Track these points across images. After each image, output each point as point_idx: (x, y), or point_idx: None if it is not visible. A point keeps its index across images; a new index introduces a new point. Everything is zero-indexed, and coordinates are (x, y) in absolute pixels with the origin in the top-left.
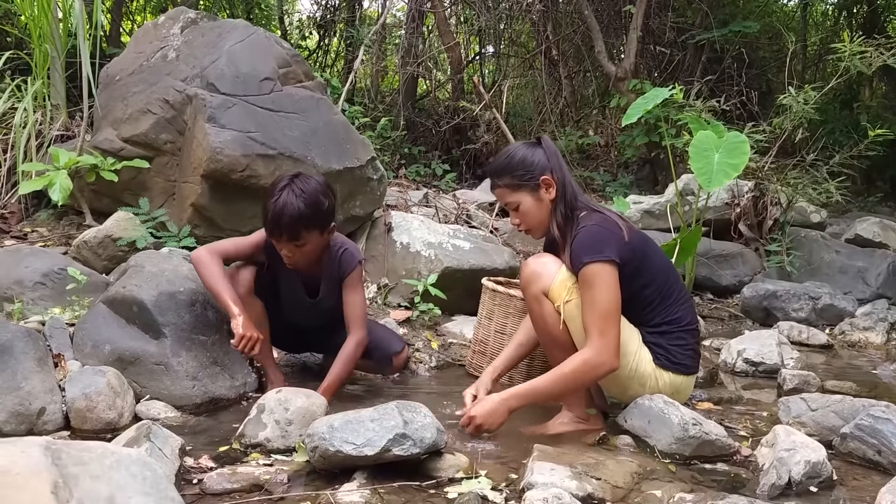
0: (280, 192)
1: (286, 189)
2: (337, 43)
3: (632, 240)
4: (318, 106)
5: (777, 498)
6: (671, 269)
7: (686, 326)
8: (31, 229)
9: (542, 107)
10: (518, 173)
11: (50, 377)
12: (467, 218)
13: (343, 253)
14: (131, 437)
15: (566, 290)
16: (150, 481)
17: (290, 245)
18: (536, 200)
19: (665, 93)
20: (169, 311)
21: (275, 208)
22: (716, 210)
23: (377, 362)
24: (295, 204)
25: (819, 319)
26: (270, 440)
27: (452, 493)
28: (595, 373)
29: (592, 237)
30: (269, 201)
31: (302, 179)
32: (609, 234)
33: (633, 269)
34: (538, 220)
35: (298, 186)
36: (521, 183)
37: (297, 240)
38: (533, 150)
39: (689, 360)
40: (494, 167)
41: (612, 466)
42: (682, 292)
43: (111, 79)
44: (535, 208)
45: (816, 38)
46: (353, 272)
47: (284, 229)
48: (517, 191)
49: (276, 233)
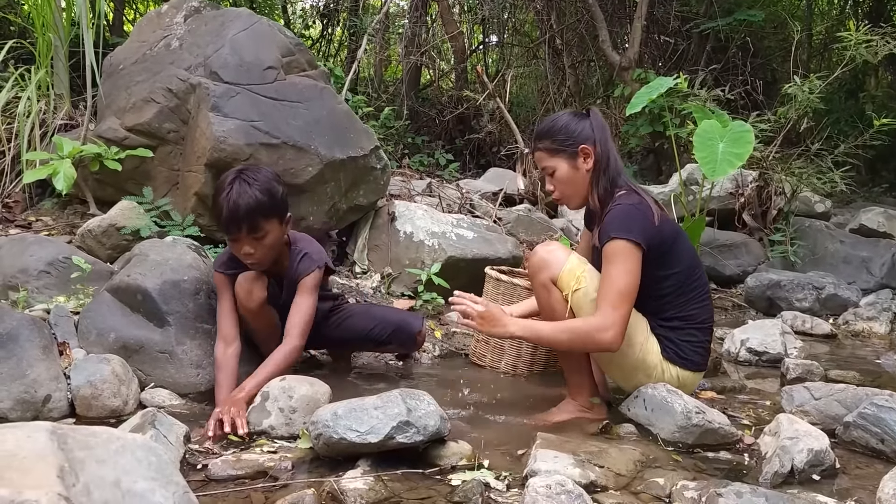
0: (231, 185)
1: (236, 181)
2: (340, 32)
3: (662, 226)
4: (322, 95)
5: (779, 486)
6: (696, 267)
7: (699, 324)
8: (36, 218)
9: (546, 96)
10: (559, 138)
11: (55, 365)
12: (471, 207)
13: (303, 257)
14: (136, 425)
15: (574, 279)
16: (156, 466)
17: (249, 239)
18: (573, 168)
19: (669, 82)
20: (173, 299)
21: (229, 202)
22: (720, 200)
23: (402, 344)
24: (250, 193)
25: (823, 309)
26: (275, 427)
27: (456, 481)
28: (596, 339)
29: (626, 215)
30: (221, 197)
31: (251, 169)
32: (642, 217)
33: (657, 255)
34: (573, 190)
35: (249, 176)
36: (559, 148)
37: (258, 231)
38: (579, 120)
39: (699, 356)
40: (538, 131)
41: (614, 454)
42: (703, 290)
43: (114, 68)
44: (570, 176)
45: (822, 26)
46: (308, 276)
47: (243, 220)
48: (555, 155)
49: (234, 227)
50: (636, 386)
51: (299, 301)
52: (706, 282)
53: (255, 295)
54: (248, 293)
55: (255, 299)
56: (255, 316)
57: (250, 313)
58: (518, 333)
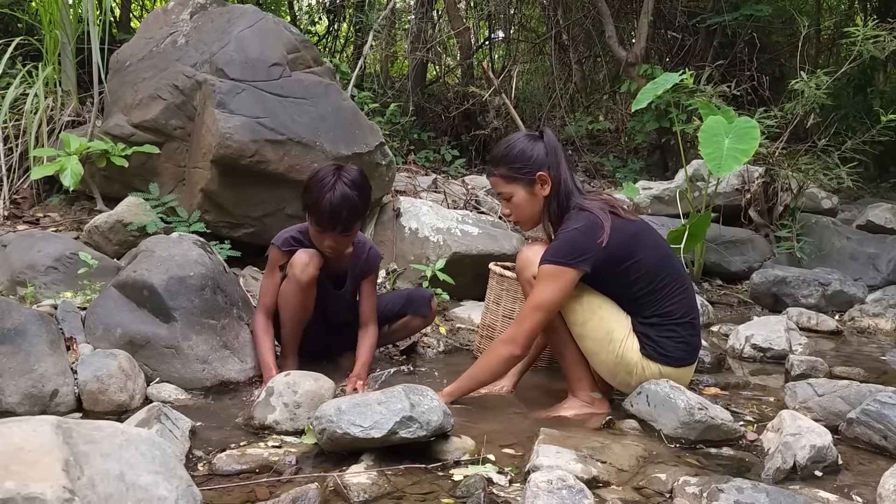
0: (334, 185)
1: (338, 182)
2: (346, 28)
3: (612, 244)
4: (327, 91)
5: (782, 482)
6: (665, 263)
7: (678, 319)
8: (43, 214)
9: (552, 92)
10: (515, 165)
11: (62, 360)
12: (476, 203)
13: (371, 250)
14: (142, 419)
15: None
16: (160, 460)
17: (338, 236)
18: (530, 195)
19: (675, 78)
20: (179, 295)
21: (333, 202)
22: (726, 196)
23: (416, 311)
24: (352, 196)
25: (829, 306)
26: (279, 422)
27: (458, 476)
28: (501, 353)
29: (564, 242)
30: (324, 195)
31: (348, 171)
32: (584, 241)
33: (613, 268)
34: (528, 214)
35: (349, 178)
36: (516, 175)
37: (350, 230)
38: (534, 144)
39: (682, 352)
40: (493, 155)
41: (617, 450)
42: (677, 286)
43: (121, 64)
44: (527, 202)
45: (830, 21)
46: (376, 271)
47: (342, 222)
48: (511, 182)
49: (332, 225)
50: (621, 383)
51: (371, 291)
52: (680, 275)
53: (310, 269)
54: (305, 265)
55: (308, 273)
56: (301, 291)
57: (298, 287)
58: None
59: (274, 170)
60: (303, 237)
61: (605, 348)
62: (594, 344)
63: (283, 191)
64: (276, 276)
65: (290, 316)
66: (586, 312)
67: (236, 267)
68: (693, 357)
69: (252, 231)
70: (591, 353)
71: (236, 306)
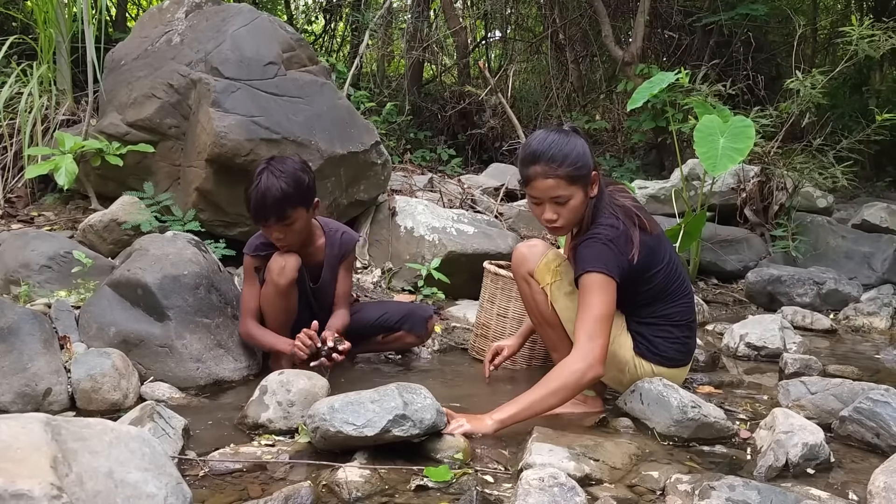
0: (259, 176)
1: (264, 173)
2: (343, 27)
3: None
4: (322, 90)
5: (774, 479)
6: (675, 274)
7: (677, 321)
8: (38, 213)
9: (549, 91)
10: (578, 164)
11: (56, 359)
12: (472, 203)
13: (343, 235)
14: (135, 417)
15: (550, 273)
16: (150, 457)
17: (279, 227)
18: (585, 197)
19: (671, 77)
20: (173, 293)
21: (257, 193)
22: (721, 195)
23: (412, 329)
24: (277, 185)
25: (823, 304)
26: (273, 421)
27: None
28: (581, 380)
29: (604, 251)
30: (250, 188)
31: (278, 161)
32: (619, 252)
33: (631, 280)
34: (578, 218)
35: (276, 168)
36: (579, 175)
37: (286, 219)
38: (579, 140)
39: (676, 352)
40: (554, 154)
41: (610, 448)
42: (681, 290)
43: (116, 63)
44: (581, 205)
45: (827, 21)
46: (352, 253)
47: (270, 211)
48: (574, 184)
49: (262, 216)
50: (613, 381)
51: (345, 275)
52: (685, 282)
53: (288, 271)
54: (282, 269)
55: (287, 276)
56: (281, 295)
57: (278, 291)
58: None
59: None
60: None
61: None
62: None
63: None
64: (254, 283)
65: (274, 319)
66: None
67: (231, 266)
68: (687, 358)
69: (247, 230)
70: None
71: (231, 305)
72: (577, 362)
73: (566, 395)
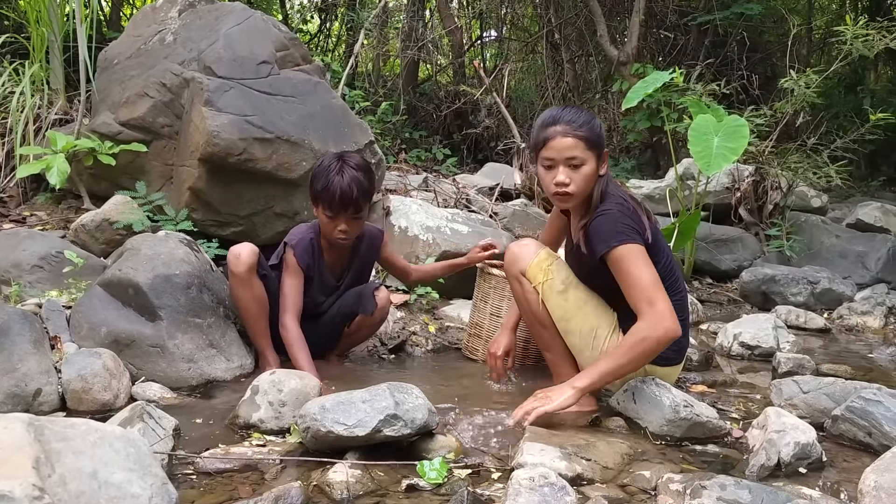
0: (340, 171)
1: (344, 167)
2: (338, 27)
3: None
4: (316, 89)
5: (766, 479)
6: (671, 266)
7: None
8: (30, 213)
9: (544, 91)
10: (597, 132)
11: (46, 359)
12: (467, 202)
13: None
14: (125, 418)
15: (542, 272)
16: (134, 457)
17: (352, 219)
18: (595, 169)
19: (665, 76)
20: (165, 293)
21: (342, 186)
22: (716, 194)
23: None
24: (359, 178)
25: (817, 304)
26: (264, 421)
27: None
28: (657, 344)
29: (617, 224)
30: (331, 181)
31: (351, 156)
32: (635, 224)
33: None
34: (585, 189)
35: (353, 162)
36: (596, 142)
37: (360, 212)
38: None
39: (669, 351)
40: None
41: (602, 448)
42: (676, 287)
43: (109, 62)
44: (591, 176)
45: (822, 21)
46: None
47: (353, 204)
48: (590, 149)
49: (344, 209)
50: None
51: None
52: (679, 280)
53: (244, 258)
54: (237, 257)
55: (243, 262)
56: (244, 284)
57: (239, 280)
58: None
59: (262, 168)
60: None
61: (589, 344)
62: (579, 340)
63: (271, 189)
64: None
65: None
66: (572, 308)
67: (224, 265)
68: (680, 357)
69: (240, 229)
70: (576, 350)
71: (223, 305)
72: (649, 330)
73: (644, 359)
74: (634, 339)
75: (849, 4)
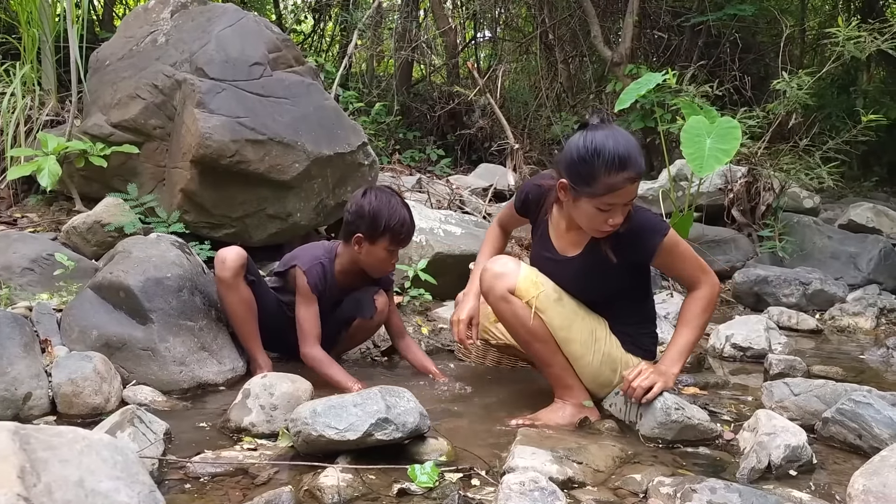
0: (402, 203)
1: (401, 202)
2: (332, 27)
3: None
4: (309, 91)
5: (757, 481)
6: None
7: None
8: (21, 215)
9: (538, 92)
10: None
11: (36, 362)
12: (461, 203)
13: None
14: (116, 422)
15: (533, 285)
16: (122, 465)
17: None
18: None
19: (658, 78)
20: (156, 296)
21: (407, 219)
22: (709, 195)
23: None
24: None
25: (809, 305)
26: (255, 425)
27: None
28: (716, 299)
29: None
30: (398, 214)
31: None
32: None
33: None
34: None
35: (400, 197)
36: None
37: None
38: None
39: (653, 345)
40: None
41: (594, 451)
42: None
43: (101, 64)
44: None
45: (815, 22)
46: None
47: (410, 238)
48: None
49: (405, 242)
50: (604, 384)
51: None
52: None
53: (229, 262)
54: (222, 261)
55: (228, 267)
56: (231, 288)
57: (225, 284)
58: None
59: (254, 170)
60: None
61: (591, 348)
62: (580, 346)
63: (263, 191)
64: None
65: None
66: (570, 315)
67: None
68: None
69: (232, 231)
70: (576, 357)
71: (215, 308)
72: (709, 289)
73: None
74: (703, 304)
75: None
